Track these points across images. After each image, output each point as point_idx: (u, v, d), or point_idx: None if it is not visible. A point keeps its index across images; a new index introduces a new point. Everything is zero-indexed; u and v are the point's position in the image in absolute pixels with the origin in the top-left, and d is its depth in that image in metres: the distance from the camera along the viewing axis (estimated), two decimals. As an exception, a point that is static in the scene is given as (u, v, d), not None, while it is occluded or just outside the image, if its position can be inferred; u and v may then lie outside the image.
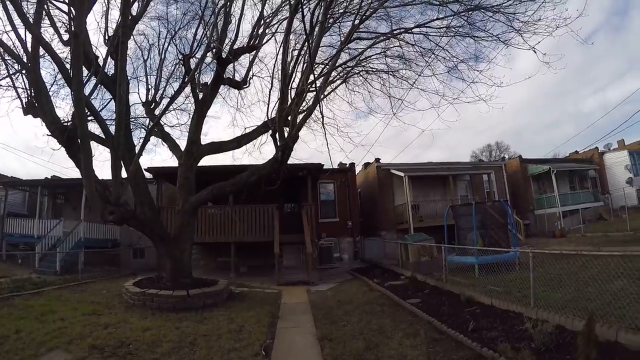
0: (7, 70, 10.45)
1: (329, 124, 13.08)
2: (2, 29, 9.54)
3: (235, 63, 13.06)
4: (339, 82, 13.10)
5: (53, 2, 10.14)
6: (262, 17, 12.20)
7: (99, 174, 9.64)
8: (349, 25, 11.30)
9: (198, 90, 12.52)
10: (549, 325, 5.92)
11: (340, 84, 13.34)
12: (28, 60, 9.19)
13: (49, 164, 42.55)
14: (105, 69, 10.58)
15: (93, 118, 10.12)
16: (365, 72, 13.24)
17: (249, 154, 49.99)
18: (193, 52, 12.61)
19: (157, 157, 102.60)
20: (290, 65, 11.15)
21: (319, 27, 10.14)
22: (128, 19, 9.38)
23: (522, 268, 9.45)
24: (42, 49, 9.17)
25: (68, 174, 31.39)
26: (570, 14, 9.11)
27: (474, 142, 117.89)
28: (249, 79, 13.08)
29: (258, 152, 65.49)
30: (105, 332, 7.08)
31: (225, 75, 12.50)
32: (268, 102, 19.07)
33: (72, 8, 9.49)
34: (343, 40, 11.38)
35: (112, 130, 9.58)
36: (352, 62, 12.75)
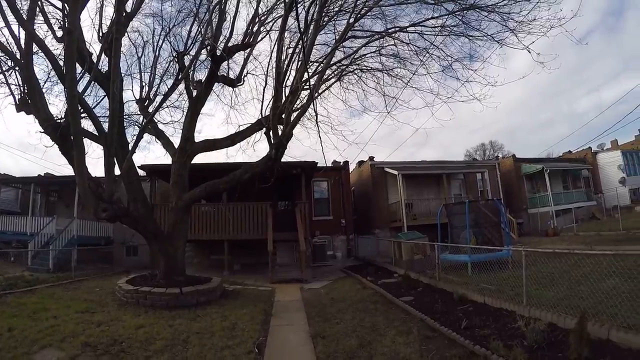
0: (0, 67, 10.40)
1: (323, 122, 13.07)
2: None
3: (230, 61, 13.07)
4: (334, 80, 13.08)
5: (47, -2, 10.08)
6: (257, 14, 12.16)
7: (93, 172, 9.62)
8: (344, 24, 11.32)
9: (192, 88, 12.47)
10: (541, 324, 5.96)
11: (335, 82, 13.32)
12: (21, 57, 9.11)
13: (42, 161, 42.52)
14: (99, 66, 10.55)
15: (86, 115, 10.08)
16: (360, 70, 13.23)
17: (243, 152, 50.00)
18: (187, 49, 12.56)
19: (150, 154, 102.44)
20: (285, 63, 11.14)
21: (314, 25, 10.13)
22: (122, 16, 9.33)
23: (514, 266, 9.47)
24: (35, 46, 9.12)
25: (61, 171, 31.32)
26: (565, 14, 9.14)
27: (468, 141, 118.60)
28: (244, 77, 13.08)
29: (252, 149, 65.37)
30: (98, 329, 7.07)
31: (220, 73, 12.45)
32: (262, 100, 18.81)
33: (66, 5, 9.43)
34: (338, 39, 11.38)
35: (105, 128, 9.54)
36: (346, 60, 12.72)
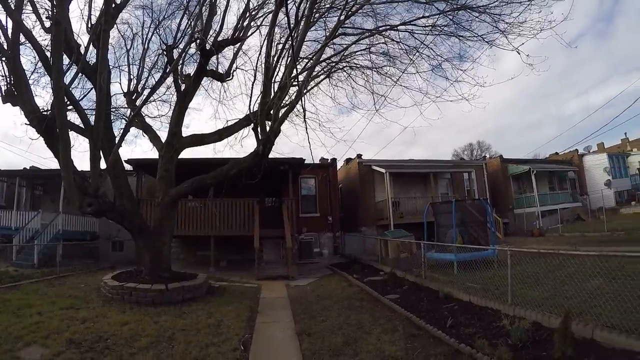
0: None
1: (311, 119, 13.08)
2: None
3: (219, 55, 12.96)
4: (323, 77, 13.04)
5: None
6: (247, 9, 12.10)
7: (79, 165, 9.45)
8: (335, 21, 11.27)
9: (180, 82, 12.38)
10: (526, 322, 6.00)
11: (324, 79, 13.28)
12: (8, 47, 8.93)
13: (28, 154, 41.88)
14: (87, 58, 10.40)
15: (73, 107, 9.90)
16: (350, 67, 13.21)
17: (231, 147, 49.79)
18: (176, 42, 12.47)
19: (137, 148, 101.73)
20: (274, 59, 11.09)
21: (305, 21, 10.07)
22: (111, 7, 9.23)
23: (500, 266, 9.56)
24: (22, 36, 8.97)
25: (47, 165, 30.95)
26: (555, 17, 9.20)
27: (456, 140, 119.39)
28: (233, 72, 13.01)
29: (239, 145, 65.20)
30: (83, 326, 6.99)
31: (209, 67, 12.37)
32: (251, 95, 19.01)
33: (55, -6, 9.28)
34: (328, 35, 11.33)
35: (92, 120, 9.41)
36: (336, 57, 12.69)
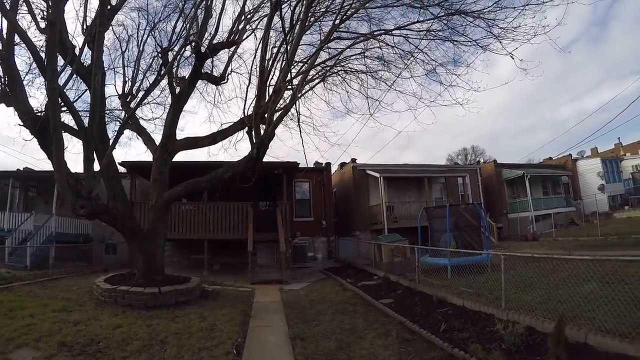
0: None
1: (306, 123, 13.06)
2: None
3: (214, 58, 12.97)
4: (318, 81, 13.03)
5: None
6: (243, 12, 12.07)
7: (73, 167, 9.40)
8: (330, 25, 11.27)
9: (175, 84, 12.33)
10: (520, 327, 6.02)
11: (319, 83, 13.27)
12: (2, 47, 8.92)
13: (21, 155, 41.61)
14: (82, 59, 10.39)
15: (67, 109, 9.89)
16: (344, 72, 13.21)
17: (225, 151, 49.47)
18: (172, 45, 12.44)
19: (131, 150, 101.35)
20: (269, 63, 11.08)
21: (300, 25, 10.08)
22: (107, 8, 9.21)
23: (494, 270, 9.58)
24: (17, 37, 8.94)
25: (41, 166, 30.68)
26: (549, 22, 9.23)
27: (450, 145, 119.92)
28: (227, 75, 12.98)
29: (234, 148, 65.13)
30: (75, 329, 6.94)
31: (204, 70, 12.37)
32: (245, 98, 18.58)
33: (50, -6, 9.26)
34: (323, 39, 11.33)
35: (86, 122, 9.38)
36: (331, 61, 12.69)
